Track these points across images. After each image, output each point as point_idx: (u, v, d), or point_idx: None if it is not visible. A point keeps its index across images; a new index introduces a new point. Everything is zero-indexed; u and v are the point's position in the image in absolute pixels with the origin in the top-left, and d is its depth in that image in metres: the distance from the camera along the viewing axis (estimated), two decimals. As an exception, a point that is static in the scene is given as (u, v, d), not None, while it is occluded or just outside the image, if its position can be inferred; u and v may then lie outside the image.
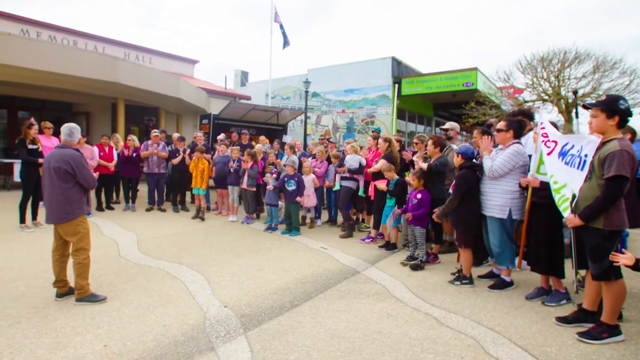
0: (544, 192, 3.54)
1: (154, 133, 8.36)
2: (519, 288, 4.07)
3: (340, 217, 7.14)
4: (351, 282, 4.27)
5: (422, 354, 2.76)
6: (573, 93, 11.03)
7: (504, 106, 16.62)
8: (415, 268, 4.71)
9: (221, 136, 9.08)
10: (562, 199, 3.27)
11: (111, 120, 14.39)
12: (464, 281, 4.18)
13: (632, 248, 5.25)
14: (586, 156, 3.11)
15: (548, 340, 2.98)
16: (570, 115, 14.36)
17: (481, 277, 4.37)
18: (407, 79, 17.58)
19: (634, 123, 4.08)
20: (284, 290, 3.95)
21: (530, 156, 3.87)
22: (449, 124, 6.05)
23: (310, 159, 7.56)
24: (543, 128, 3.65)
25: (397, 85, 16.97)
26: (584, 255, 3.10)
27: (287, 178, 6.52)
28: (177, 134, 8.82)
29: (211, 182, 8.09)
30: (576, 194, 3.10)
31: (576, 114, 4.65)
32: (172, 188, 8.69)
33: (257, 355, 2.70)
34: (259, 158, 7.50)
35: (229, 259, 5.00)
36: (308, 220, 7.29)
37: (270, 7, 16.96)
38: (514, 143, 3.99)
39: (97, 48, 16.44)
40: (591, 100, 12.67)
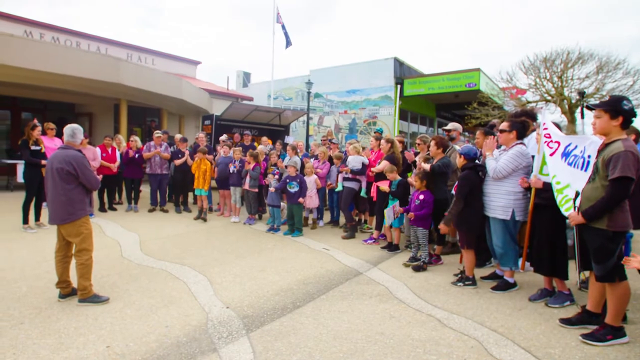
0: (547, 193, 3.52)
1: (157, 134, 8.38)
2: (522, 289, 4.05)
3: (342, 218, 7.14)
4: (353, 283, 4.26)
5: (424, 355, 2.76)
6: (579, 94, 10.95)
7: (506, 107, 16.58)
8: (417, 269, 4.70)
9: (223, 137, 9.10)
10: (565, 199, 3.26)
11: (114, 121, 14.43)
12: (466, 282, 4.17)
13: (636, 249, 5.21)
14: (589, 157, 3.10)
15: (551, 342, 2.97)
16: (573, 116, 14.32)
17: (484, 278, 4.36)
18: (409, 80, 17.56)
19: (638, 124, 4.07)
20: (286, 291, 3.95)
21: (533, 157, 3.86)
22: (451, 125, 6.03)
23: (313, 159, 7.56)
24: (546, 129, 3.64)
25: (399, 86, 16.97)
26: (587, 257, 3.08)
27: (289, 179, 6.52)
28: (179, 135, 8.83)
29: (213, 183, 8.11)
30: (579, 192, 3.08)
31: (582, 114, 4.64)
32: (174, 189, 8.73)
33: (259, 356, 2.70)
34: (261, 159, 7.51)
35: (231, 260, 5.00)
36: (310, 221, 7.29)
37: (270, 7, 17.08)
38: (517, 144, 3.97)
39: (99, 49, 16.49)
40: (594, 100, 12.66)
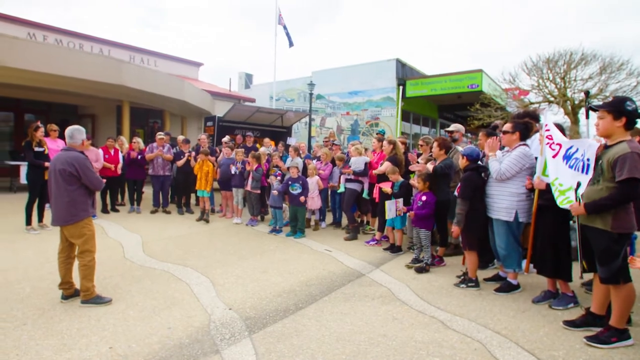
0: (550, 194, 3.50)
1: (159, 135, 8.40)
2: (525, 291, 4.03)
3: (344, 220, 7.13)
4: (356, 285, 4.25)
5: (427, 357, 2.74)
6: (585, 94, 10.93)
7: (509, 108, 16.56)
8: (420, 271, 4.69)
9: (226, 138, 9.10)
10: (567, 200, 3.25)
11: (116, 122, 14.47)
12: (469, 284, 4.15)
13: (640, 251, 5.18)
14: (589, 160, 3.10)
15: (555, 344, 2.95)
16: (576, 117, 14.28)
17: (487, 280, 4.34)
18: (411, 81, 17.56)
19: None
20: (289, 293, 3.94)
21: (537, 158, 3.84)
22: (453, 126, 6.03)
23: (315, 161, 7.56)
24: (548, 130, 3.62)
25: (401, 87, 16.97)
26: (591, 258, 3.06)
27: (291, 181, 6.52)
28: (181, 137, 8.86)
29: (216, 184, 8.11)
30: (581, 193, 3.07)
31: (586, 115, 4.63)
32: (176, 190, 8.75)
33: (261, 358, 2.70)
34: (264, 160, 7.51)
35: (233, 261, 5.00)
36: (312, 223, 7.28)
37: (271, 7, 17.12)
38: (520, 145, 3.96)
39: (102, 51, 16.56)
40: (598, 101, 12.61)
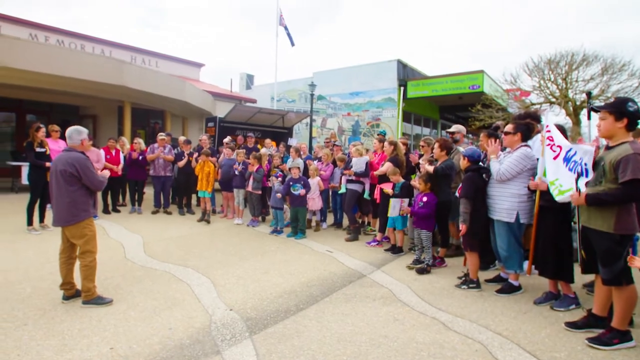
0: (552, 195, 3.49)
1: (160, 136, 8.41)
2: (527, 292, 4.02)
3: (345, 220, 7.13)
4: (357, 286, 4.24)
5: (429, 358, 2.74)
6: (587, 95, 10.91)
7: (510, 109, 16.53)
8: (421, 272, 4.68)
9: (227, 139, 9.11)
10: (566, 191, 3.26)
11: (118, 123, 14.49)
12: (470, 285, 4.14)
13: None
14: (586, 165, 3.11)
15: (557, 345, 2.94)
16: (578, 118, 14.24)
17: (488, 281, 4.33)
18: (412, 82, 17.54)
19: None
20: (290, 294, 3.94)
21: (538, 159, 3.83)
22: (455, 127, 6.03)
23: (316, 162, 7.56)
24: (548, 131, 3.61)
25: (402, 88, 16.96)
26: (593, 259, 3.05)
27: (292, 182, 6.51)
28: (183, 137, 8.86)
29: (217, 185, 8.11)
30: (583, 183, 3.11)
31: (588, 116, 4.62)
32: (178, 191, 8.75)
33: (262, 358, 2.69)
34: (265, 161, 7.51)
35: (234, 262, 5.00)
36: (313, 224, 7.28)
37: (272, 7, 17.21)
38: (522, 146, 3.95)
39: (103, 52, 16.60)
40: (600, 102, 12.59)
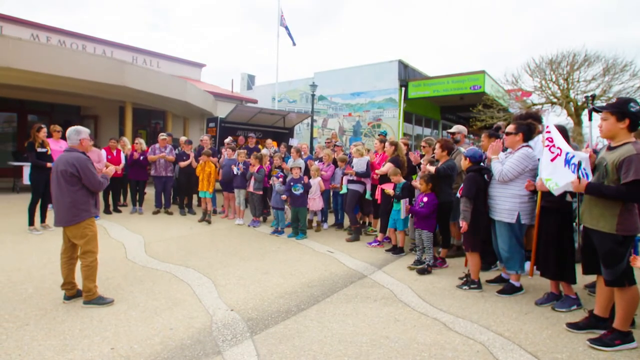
0: (553, 196, 3.49)
1: (162, 136, 8.42)
2: (528, 293, 4.01)
3: (346, 221, 7.13)
4: (358, 286, 4.24)
5: (430, 359, 2.73)
6: (591, 97, 10.95)
7: (511, 109, 16.50)
8: (422, 272, 4.68)
9: (228, 139, 9.12)
10: (565, 189, 3.26)
11: (119, 123, 14.53)
12: (472, 286, 4.13)
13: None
14: (585, 170, 3.10)
15: (558, 346, 2.93)
16: (579, 119, 14.21)
17: (490, 281, 4.32)
18: (413, 82, 17.53)
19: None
20: (291, 294, 3.94)
21: (540, 160, 3.82)
22: (456, 128, 6.02)
23: (317, 162, 7.55)
24: (548, 132, 3.60)
25: (403, 89, 16.95)
26: (594, 260, 3.05)
27: (293, 182, 6.51)
28: (184, 137, 8.87)
29: (218, 185, 8.12)
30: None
31: (589, 117, 4.62)
32: (179, 191, 8.76)
33: (263, 359, 2.69)
34: (266, 161, 7.51)
35: (235, 262, 5.00)
36: (314, 224, 7.28)
37: (273, 9, 17.22)
38: (523, 146, 3.94)
39: (105, 52, 16.64)
40: (601, 103, 12.57)
